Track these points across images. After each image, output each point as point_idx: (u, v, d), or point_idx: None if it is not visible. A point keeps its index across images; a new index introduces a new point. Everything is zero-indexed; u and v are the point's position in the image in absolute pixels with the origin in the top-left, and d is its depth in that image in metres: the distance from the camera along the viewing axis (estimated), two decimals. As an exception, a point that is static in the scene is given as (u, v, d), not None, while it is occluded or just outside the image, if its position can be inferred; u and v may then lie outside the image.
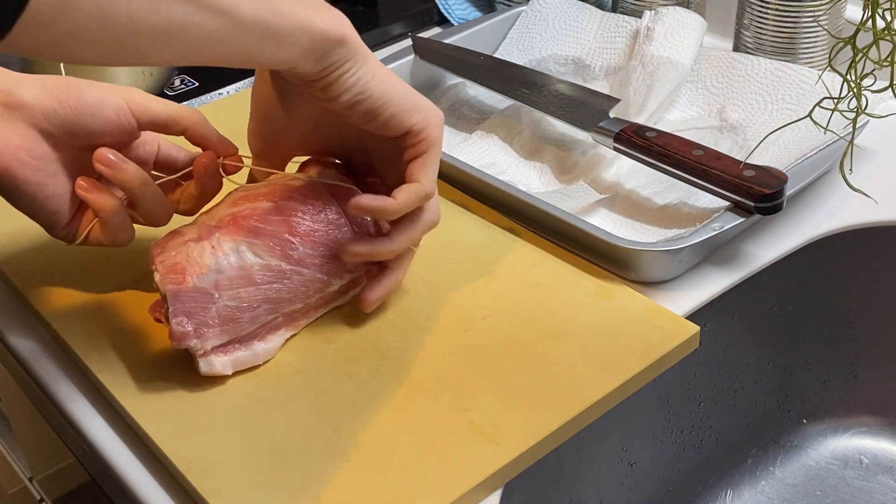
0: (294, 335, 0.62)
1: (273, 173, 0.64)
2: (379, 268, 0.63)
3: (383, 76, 0.56)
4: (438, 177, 0.62)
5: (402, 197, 0.58)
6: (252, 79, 0.94)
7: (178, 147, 0.64)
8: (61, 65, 0.81)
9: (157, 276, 0.58)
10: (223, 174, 0.63)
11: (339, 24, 0.53)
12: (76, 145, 0.60)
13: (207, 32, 0.47)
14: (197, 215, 0.62)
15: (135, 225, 0.62)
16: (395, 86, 0.57)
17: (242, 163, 0.63)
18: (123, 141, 0.61)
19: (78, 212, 0.62)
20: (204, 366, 0.58)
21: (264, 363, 0.60)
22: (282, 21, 0.50)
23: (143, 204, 0.60)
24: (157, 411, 0.57)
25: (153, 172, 0.62)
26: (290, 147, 0.64)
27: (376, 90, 0.55)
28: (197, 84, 0.93)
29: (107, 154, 0.59)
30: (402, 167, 0.59)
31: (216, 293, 0.57)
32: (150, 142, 0.63)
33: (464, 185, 0.75)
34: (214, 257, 0.58)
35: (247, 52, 0.50)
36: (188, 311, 0.57)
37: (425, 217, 0.61)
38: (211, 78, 0.93)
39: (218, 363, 0.58)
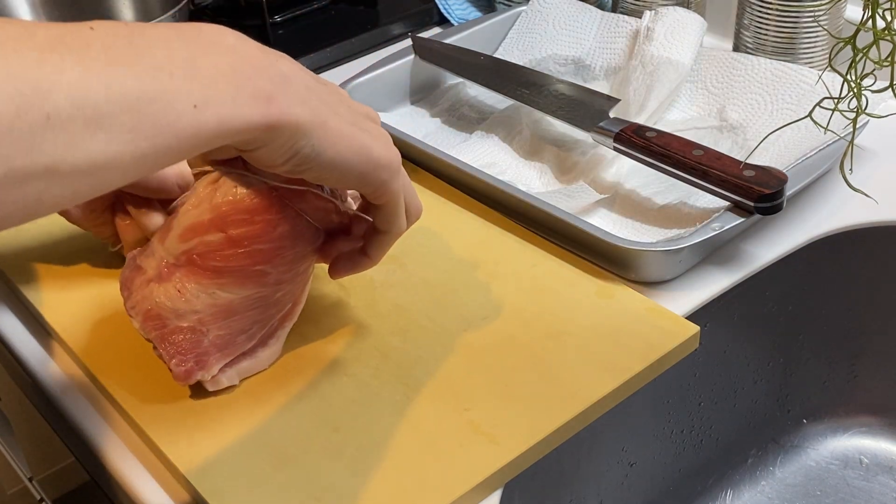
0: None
1: (204, 171, 0.57)
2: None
3: (326, 142, 0.48)
4: (438, 177, 0.62)
5: (376, 252, 0.57)
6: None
7: None
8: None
9: (135, 324, 0.57)
10: None
11: (263, 110, 0.44)
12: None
13: (70, 193, 0.39)
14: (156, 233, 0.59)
15: None
16: (340, 149, 0.48)
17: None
18: (171, 198, 0.60)
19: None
20: (211, 386, 0.58)
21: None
22: (181, 142, 0.41)
23: None
24: (157, 412, 0.57)
25: None
26: None
27: (317, 161, 0.48)
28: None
29: (135, 200, 0.61)
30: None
31: (203, 328, 0.56)
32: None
33: (464, 185, 0.75)
34: (184, 300, 0.55)
35: (126, 182, 0.42)
36: (182, 349, 0.56)
37: (402, 225, 0.56)
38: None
39: (224, 378, 0.58)
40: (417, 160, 0.77)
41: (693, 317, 0.65)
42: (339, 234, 0.59)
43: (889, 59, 0.62)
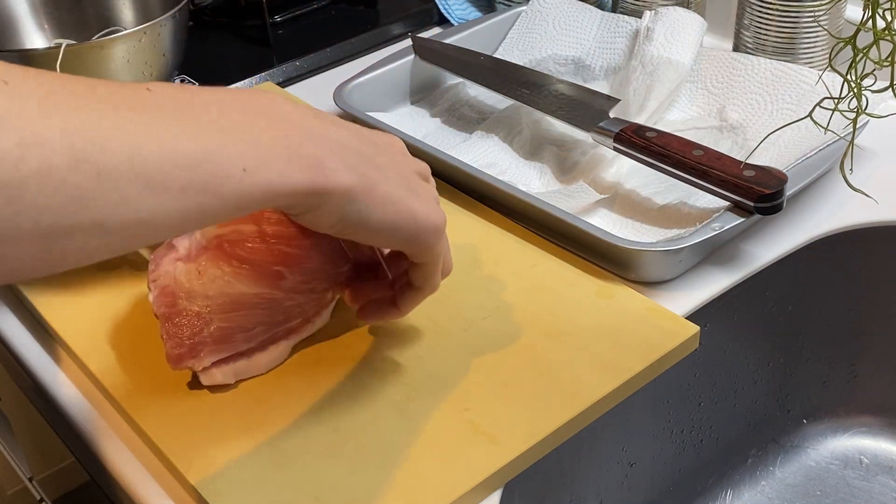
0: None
1: None
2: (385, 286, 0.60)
3: (373, 207, 0.48)
4: (438, 177, 0.62)
5: (406, 306, 0.58)
6: (253, 78, 0.95)
7: None
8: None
9: (150, 297, 0.58)
10: None
11: (311, 177, 0.44)
12: None
13: (114, 246, 0.41)
14: None
15: None
16: (387, 213, 0.49)
17: None
18: None
19: None
20: (205, 379, 0.58)
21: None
22: (227, 204, 0.42)
23: None
24: (158, 411, 0.57)
25: None
26: None
27: (363, 227, 0.49)
28: (197, 84, 0.93)
29: None
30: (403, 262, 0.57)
31: (207, 315, 0.57)
32: None
33: (464, 185, 0.75)
34: (200, 283, 0.57)
35: (167, 237, 0.45)
36: (181, 333, 0.56)
37: (436, 283, 0.57)
38: (212, 79, 0.93)
39: (219, 374, 0.58)
40: (417, 160, 0.77)
41: (693, 317, 0.65)
42: (369, 273, 0.60)
43: (889, 59, 0.62)
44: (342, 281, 0.60)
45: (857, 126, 0.67)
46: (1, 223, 0.36)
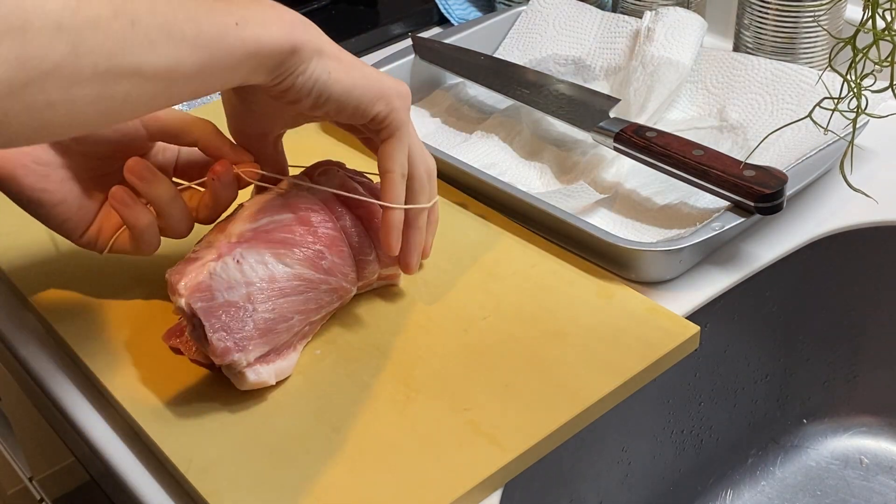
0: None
1: (280, 179, 0.62)
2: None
3: (341, 70, 0.55)
4: (438, 177, 0.62)
5: (389, 196, 0.59)
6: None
7: (199, 152, 0.63)
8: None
9: (181, 301, 0.55)
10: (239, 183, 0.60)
11: (287, 32, 0.52)
12: (85, 152, 0.59)
13: (149, 97, 0.47)
14: (209, 230, 0.60)
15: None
16: (354, 77, 0.55)
17: (258, 171, 0.61)
18: (134, 150, 0.60)
19: (98, 219, 0.61)
20: (252, 375, 0.56)
21: None
22: (229, 56, 0.49)
23: (170, 218, 0.60)
24: (157, 411, 0.57)
25: (174, 179, 0.62)
26: (268, 133, 0.62)
27: (336, 88, 0.54)
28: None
29: (140, 166, 0.58)
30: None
31: (250, 305, 0.56)
32: (171, 147, 0.63)
33: (464, 185, 0.75)
34: (240, 271, 0.56)
35: (192, 94, 0.50)
36: (225, 325, 0.55)
37: (402, 161, 0.59)
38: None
39: (264, 372, 0.57)
40: (417, 160, 0.77)
41: (693, 317, 0.65)
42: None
43: (889, 59, 0.62)
44: (366, 272, 0.62)
45: (857, 126, 0.67)
46: (68, 66, 0.42)
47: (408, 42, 0.90)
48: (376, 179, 0.61)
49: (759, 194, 0.66)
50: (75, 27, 0.42)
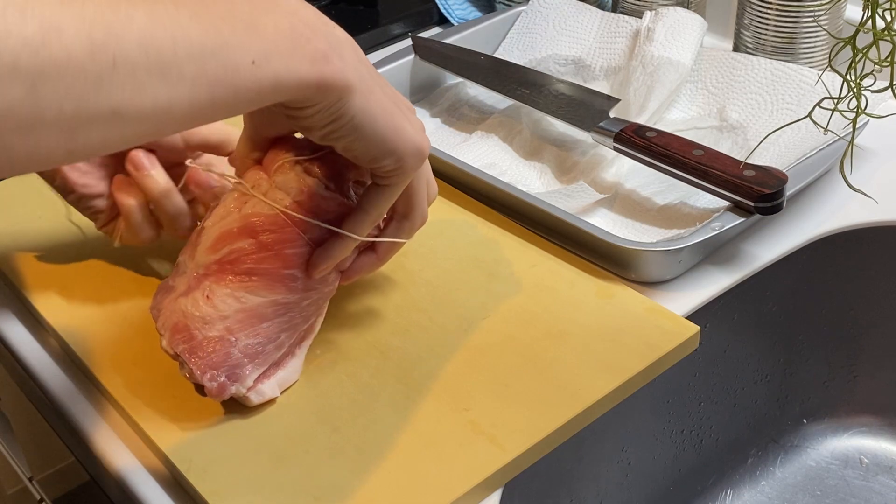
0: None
1: (239, 181, 0.58)
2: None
3: (366, 115, 0.49)
4: (439, 177, 0.62)
5: (349, 226, 0.55)
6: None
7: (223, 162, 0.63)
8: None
9: (163, 343, 0.56)
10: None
11: (315, 67, 0.45)
12: (122, 158, 0.62)
13: (133, 137, 0.42)
14: (186, 243, 0.59)
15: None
16: (377, 127, 0.50)
17: (212, 178, 0.60)
18: (170, 158, 0.62)
19: (116, 211, 0.64)
20: (255, 397, 0.56)
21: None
22: (236, 96, 0.43)
23: (163, 211, 0.62)
24: (157, 411, 0.57)
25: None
26: (281, 131, 0.59)
27: (353, 134, 0.49)
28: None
29: (139, 157, 0.61)
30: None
31: (232, 337, 0.55)
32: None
33: (464, 185, 0.75)
34: (212, 306, 0.55)
35: (184, 129, 0.45)
36: (212, 362, 0.54)
37: (407, 228, 0.58)
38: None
39: (267, 389, 0.57)
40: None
41: (693, 317, 0.65)
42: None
43: (889, 59, 0.62)
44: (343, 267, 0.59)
45: (857, 126, 0.67)
46: (25, 111, 0.37)
47: (408, 42, 0.90)
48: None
49: (759, 194, 0.66)
50: (34, 68, 0.37)
